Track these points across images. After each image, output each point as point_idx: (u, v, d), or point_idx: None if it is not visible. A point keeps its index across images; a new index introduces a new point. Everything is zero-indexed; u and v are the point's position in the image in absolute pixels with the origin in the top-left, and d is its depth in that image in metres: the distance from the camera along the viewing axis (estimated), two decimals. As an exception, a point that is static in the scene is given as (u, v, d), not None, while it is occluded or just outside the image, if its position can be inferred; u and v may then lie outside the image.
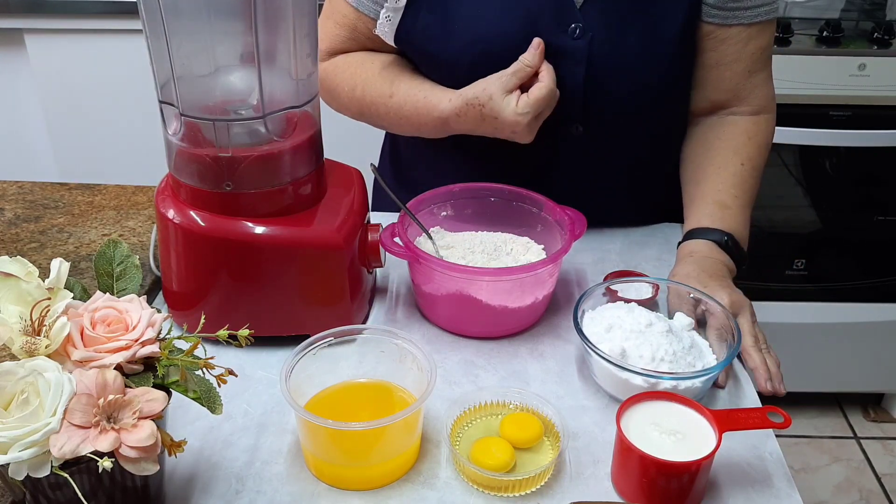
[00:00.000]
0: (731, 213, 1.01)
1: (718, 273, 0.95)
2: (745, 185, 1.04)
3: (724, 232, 0.99)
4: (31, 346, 0.61)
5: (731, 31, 1.01)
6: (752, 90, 1.06)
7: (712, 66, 1.04)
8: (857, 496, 2.02)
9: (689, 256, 0.98)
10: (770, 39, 1.04)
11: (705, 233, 1.00)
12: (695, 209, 1.04)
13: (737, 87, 1.05)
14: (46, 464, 0.58)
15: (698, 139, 1.09)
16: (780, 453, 0.78)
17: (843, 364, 2.13)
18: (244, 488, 0.73)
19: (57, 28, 1.96)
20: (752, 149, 1.05)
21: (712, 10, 1.00)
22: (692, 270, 0.94)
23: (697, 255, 0.97)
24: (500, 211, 1.01)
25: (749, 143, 1.05)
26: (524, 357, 0.90)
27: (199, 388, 0.65)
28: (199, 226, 0.83)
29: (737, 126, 1.06)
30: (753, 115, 1.07)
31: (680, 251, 1.01)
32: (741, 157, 1.04)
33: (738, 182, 1.03)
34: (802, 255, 2.01)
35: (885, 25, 1.81)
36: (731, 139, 1.06)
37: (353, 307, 0.90)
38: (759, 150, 1.06)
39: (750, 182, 1.04)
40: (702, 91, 1.07)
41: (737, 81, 1.05)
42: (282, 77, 0.83)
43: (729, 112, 1.07)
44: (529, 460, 0.75)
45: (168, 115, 0.83)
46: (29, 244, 1.06)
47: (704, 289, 0.90)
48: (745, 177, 1.04)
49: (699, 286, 0.91)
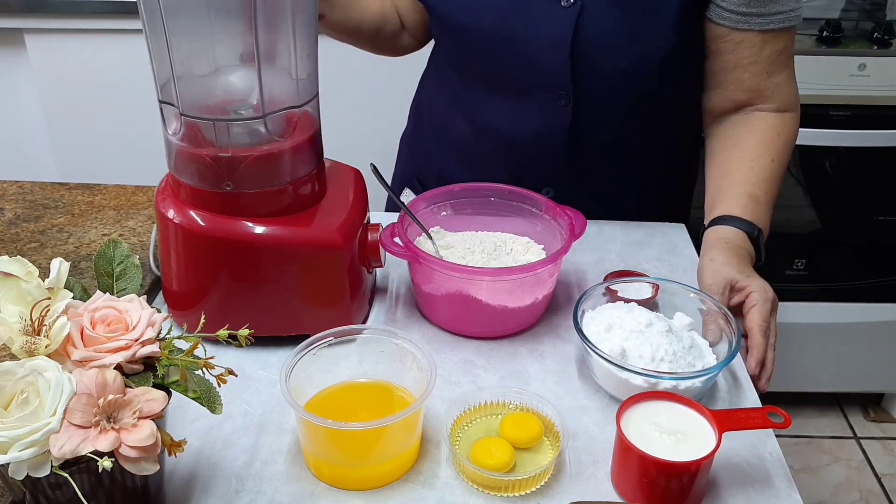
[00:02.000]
0: (761, 208, 1.01)
1: (749, 264, 0.95)
2: (773, 183, 1.03)
3: (754, 225, 0.99)
4: (31, 346, 0.61)
5: (746, 35, 1.01)
6: (774, 89, 1.05)
7: (731, 68, 1.04)
8: (857, 496, 2.02)
9: (723, 241, 0.97)
10: (788, 43, 1.04)
11: (737, 222, 0.99)
12: (725, 197, 1.02)
13: (758, 87, 1.05)
14: (46, 464, 0.58)
15: (726, 134, 1.08)
16: (780, 453, 0.78)
17: (843, 364, 2.13)
18: (244, 488, 0.73)
19: (57, 28, 1.96)
20: (781, 145, 1.05)
21: (724, 12, 1.00)
22: (730, 257, 0.94)
23: (731, 243, 0.96)
24: (500, 211, 1.01)
25: (778, 140, 1.05)
26: (524, 357, 0.90)
27: (199, 388, 0.65)
28: (199, 226, 0.83)
29: (765, 121, 1.06)
30: (779, 112, 1.06)
31: (709, 235, 1.00)
32: (771, 154, 1.04)
33: (768, 178, 1.03)
34: (802, 255, 2.01)
35: (885, 25, 1.81)
36: (761, 133, 1.05)
37: (353, 307, 0.90)
38: (787, 148, 1.06)
39: (778, 181, 1.04)
40: (724, 91, 1.07)
41: (757, 82, 1.04)
42: (282, 77, 0.83)
43: (754, 108, 1.07)
44: (529, 460, 0.75)
45: (168, 115, 0.83)
46: (29, 244, 1.06)
47: (744, 278, 0.91)
48: (774, 174, 1.04)
49: (738, 274, 0.91)
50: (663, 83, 1.05)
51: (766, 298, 0.89)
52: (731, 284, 0.91)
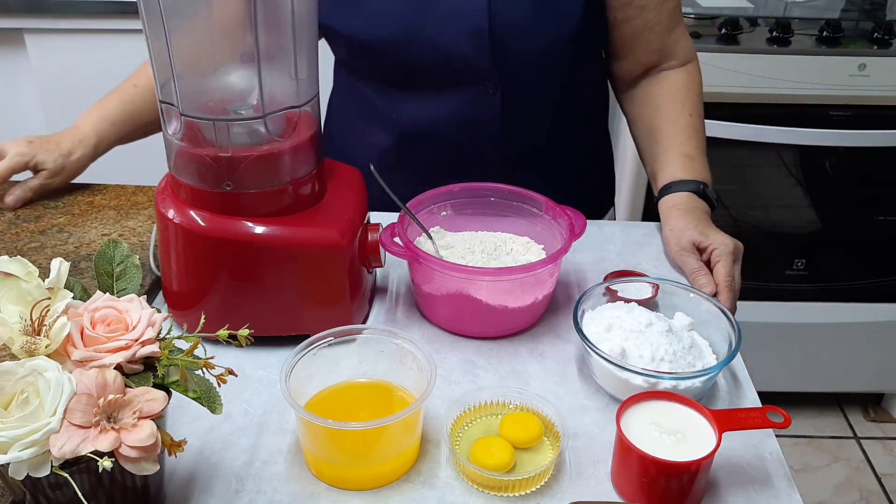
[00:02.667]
0: (697, 162, 1.08)
1: (707, 220, 1.03)
2: (699, 135, 1.11)
3: (698, 181, 1.06)
4: (31, 346, 0.61)
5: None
6: (675, 44, 1.13)
7: (640, 32, 1.11)
8: (857, 496, 2.02)
9: (676, 209, 1.04)
10: None
11: (682, 185, 1.06)
12: (663, 164, 1.10)
13: (664, 45, 1.12)
14: (46, 464, 0.58)
15: (642, 99, 1.16)
16: (780, 453, 0.78)
17: (843, 364, 2.13)
18: (244, 488, 0.73)
19: (57, 28, 1.96)
20: (694, 98, 1.13)
21: None
22: (688, 222, 1.02)
23: (683, 207, 1.04)
24: (500, 211, 1.01)
25: (689, 94, 1.13)
26: (524, 357, 0.90)
27: (199, 388, 0.65)
28: (199, 226, 0.83)
29: (673, 80, 1.14)
30: (683, 67, 1.15)
31: (663, 205, 1.07)
32: (688, 109, 1.12)
33: (693, 133, 1.11)
34: (802, 255, 2.01)
35: (885, 25, 1.81)
36: (674, 93, 1.13)
37: (353, 307, 0.90)
38: (699, 97, 1.14)
39: (701, 131, 1.12)
40: (634, 57, 1.14)
41: (662, 40, 1.12)
42: (282, 77, 0.83)
43: (659, 69, 1.15)
44: (529, 460, 0.75)
45: (168, 115, 0.83)
46: (29, 244, 1.06)
47: (705, 238, 0.99)
48: (696, 127, 1.11)
49: (699, 236, 0.99)
50: (576, 60, 1.10)
51: (727, 252, 0.97)
52: (695, 246, 1.00)
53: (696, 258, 0.99)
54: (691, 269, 0.99)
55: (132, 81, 1.19)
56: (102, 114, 1.17)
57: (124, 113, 1.17)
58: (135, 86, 1.19)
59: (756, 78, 1.74)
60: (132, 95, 1.18)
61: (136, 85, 1.19)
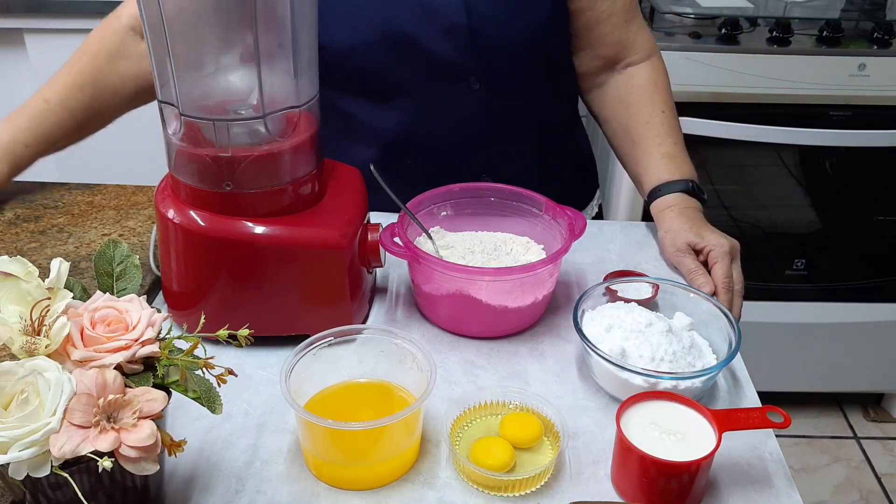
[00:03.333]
0: (680, 160, 1.08)
1: (702, 220, 1.03)
2: (675, 131, 1.10)
3: (685, 180, 1.06)
4: (31, 346, 0.61)
5: None
6: (634, 37, 1.12)
7: (594, 24, 1.11)
8: (857, 496, 2.02)
9: (670, 211, 1.04)
10: None
11: (671, 186, 1.06)
12: (646, 167, 1.10)
13: (621, 38, 1.12)
14: (46, 464, 0.58)
15: (611, 99, 1.15)
16: (780, 453, 0.78)
17: (843, 364, 2.13)
18: (244, 488, 0.73)
19: (57, 28, 1.96)
20: (663, 93, 1.13)
21: None
22: (683, 223, 1.01)
23: (677, 208, 1.04)
24: (500, 211, 1.01)
25: (658, 90, 1.13)
26: (524, 357, 0.90)
27: (199, 388, 0.65)
28: (199, 226, 0.83)
29: (640, 77, 1.13)
30: (647, 61, 1.14)
31: (655, 209, 1.07)
32: (659, 106, 1.11)
33: (669, 129, 1.10)
34: (802, 255, 2.01)
35: (885, 25, 1.81)
36: (642, 91, 1.12)
37: (353, 307, 0.90)
38: (668, 91, 1.14)
39: (676, 126, 1.11)
40: (591, 50, 1.13)
41: (619, 33, 1.11)
42: (282, 77, 0.83)
43: (625, 65, 1.14)
44: (529, 460, 0.75)
45: (168, 115, 0.83)
46: (29, 244, 1.06)
47: (701, 239, 0.99)
48: (671, 122, 1.11)
49: (694, 237, 0.99)
50: (553, 50, 1.11)
51: (724, 252, 0.97)
52: (691, 247, 1.00)
53: (693, 259, 0.99)
54: (688, 270, 0.99)
55: (43, 95, 1.09)
56: (14, 135, 1.07)
57: (39, 134, 1.08)
58: (45, 101, 1.08)
59: (756, 78, 1.74)
60: (43, 112, 1.08)
61: (48, 100, 1.08)
